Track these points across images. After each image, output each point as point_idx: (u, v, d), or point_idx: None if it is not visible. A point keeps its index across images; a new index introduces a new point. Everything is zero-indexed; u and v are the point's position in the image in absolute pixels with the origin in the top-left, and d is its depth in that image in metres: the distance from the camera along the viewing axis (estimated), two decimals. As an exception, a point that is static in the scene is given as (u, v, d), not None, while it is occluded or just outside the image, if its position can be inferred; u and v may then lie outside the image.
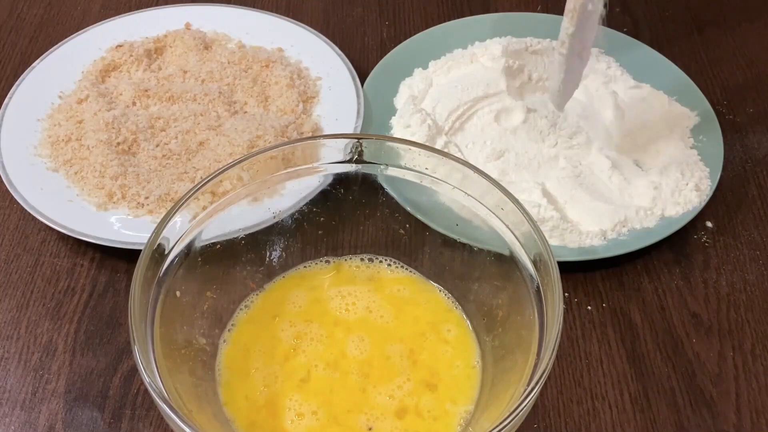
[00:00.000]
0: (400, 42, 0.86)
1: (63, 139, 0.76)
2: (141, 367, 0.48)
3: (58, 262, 0.71)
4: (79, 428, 0.61)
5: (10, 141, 0.75)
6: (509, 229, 0.56)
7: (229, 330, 0.59)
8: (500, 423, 0.46)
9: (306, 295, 0.61)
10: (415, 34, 0.87)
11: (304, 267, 0.63)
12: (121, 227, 0.70)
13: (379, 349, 0.58)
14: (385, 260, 0.64)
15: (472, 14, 0.91)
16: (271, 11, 0.89)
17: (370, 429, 0.54)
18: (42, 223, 0.69)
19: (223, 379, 0.57)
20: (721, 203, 0.75)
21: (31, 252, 0.72)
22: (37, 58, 0.83)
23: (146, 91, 0.80)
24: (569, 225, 0.70)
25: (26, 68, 0.82)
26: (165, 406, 0.47)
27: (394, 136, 0.77)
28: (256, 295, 0.62)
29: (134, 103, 0.79)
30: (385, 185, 0.61)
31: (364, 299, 0.61)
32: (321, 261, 0.63)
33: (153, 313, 0.53)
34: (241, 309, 0.61)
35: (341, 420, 0.55)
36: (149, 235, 0.54)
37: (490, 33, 0.86)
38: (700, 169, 0.74)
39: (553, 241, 0.69)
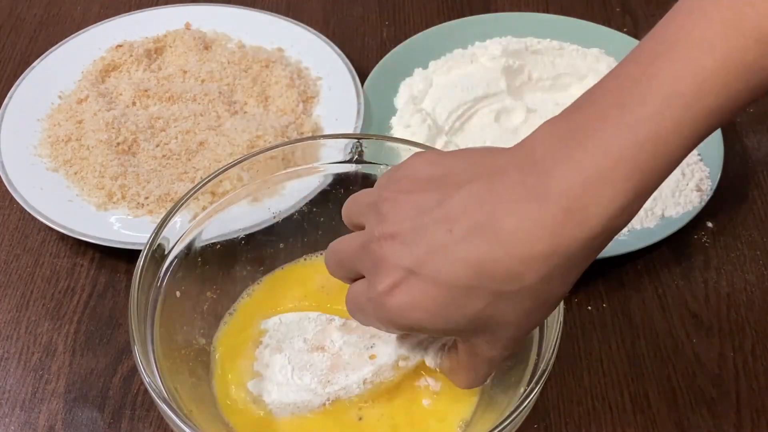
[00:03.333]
0: (400, 42, 0.86)
1: (63, 139, 0.76)
2: (141, 367, 0.48)
3: (58, 262, 0.71)
4: (79, 428, 0.61)
5: (10, 141, 0.75)
6: (509, 229, 0.55)
7: (225, 323, 0.59)
8: (500, 423, 0.46)
9: (303, 287, 0.61)
10: (415, 34, 0.87)
11: (304, 260, 0.63)
12: (121, 227, 0.70)
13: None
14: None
15: (472, 14, 0.91)
16: (271, 11, 0.89)
17: None
18: (42, 223, 0.69)
19: (217, 375, 0.57)
20: (721, 203, 0.75)
21: (31, 252, 0.72)
22: (37, 58, 0.83)
23: (146, 91, 0.80)
24: (569, 225, 0.70)
25: (26, 68, 0.82)
26: (165, 406, 0.47)
27: (394, 136, 0.77)
28: (257, 284, 0.61)
29: (134, 103, 0.79)
30: (385, 185, 0.61)
31: None
32: (321, 255, 0.63)
33: (153, 313, 0.53)
34: (242, 298, 0.60)
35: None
36: (149, 235, 0.54)
37: (490, 33, 0.86)
38: (700, 169, 0.74)
39: (553, 241, 0.69)
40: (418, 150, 0.57)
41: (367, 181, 0.60)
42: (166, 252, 0.55)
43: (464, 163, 0.44)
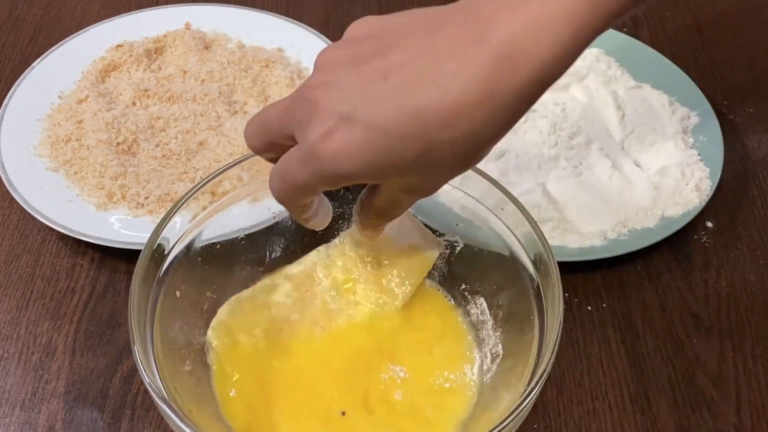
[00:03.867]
0: (400, 42, 0.86)
1: (63, 139, 0.76)
2: (141, 367, 0.48)
3: (58, 262, 0.71)
4: (79, 428, 0.61)
5: (10, 141, 0.75)
6: (509, 229, 0.56)
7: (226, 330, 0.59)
8: (500, 423, 0.46)
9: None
10: (415, 34, 0.87)
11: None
12: (121, 227, 0.70)
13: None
14: (386, 260, 0.63)
15: (472, 14, 0.90)
16: (271, 11, 0.89)
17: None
18: (42, 223, 0.69)
19: (218, 379, 0.57)
20: (721, 203, 0.75)
21: (31, 252, 0.72)
22: (37, 58, 0.83)
23: (146, 91, 0.80)
24: (569, 225, 0.70)
25: (26, 68, 0.82)
26: (165, 406, 0.47)
27: (394, 136, 0.76)
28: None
29: (134, 103, 0.79)
30: (385, 185, 0.61)
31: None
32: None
33: (153, 313, 0.53)
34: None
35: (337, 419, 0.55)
36: (149, 235, 0.54)
37: (490, 33, 0.86)
38: (700, 169, 0.74)
39: (553, 241, 0.69)
40: None
41: (367, 181, 0.60)
42: (166, 252, 0.55)
43: (405, 19, 0.44)
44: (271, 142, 0.47)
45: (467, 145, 0.42)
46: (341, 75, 0.42)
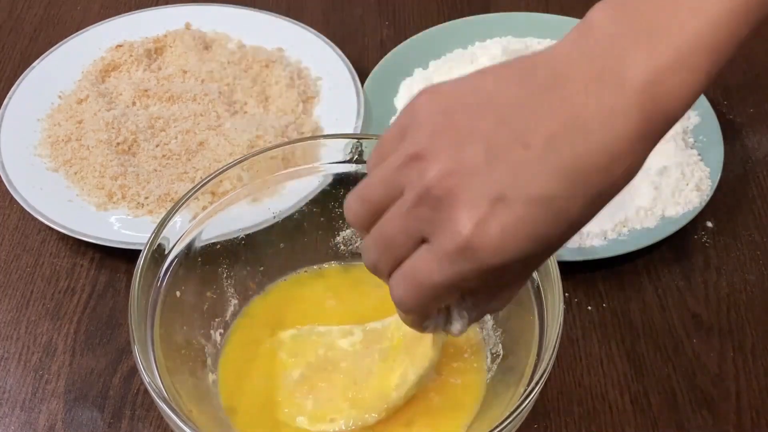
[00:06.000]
0: (400, 42, 0.86)
1: (63, 139, 0.76)
2: (141, 367, 0.48)
3: (58, 262, 0.71)
4: (79, 428, 0.61)
5: (10, 141, 0.75)
6: (509, 229, 0.55)
7: (230, 330, 0.59)
8: (500, 423, 0.46)
9: (308, 300, 0.61)
10: (415, 34, 0.87)
11: (305, 271, 0.63)
12: (121, 227, 0.70)
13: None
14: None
15: (472, 14, 0.91)
16: (271, 11, 0.89)
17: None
18: (42, 223, 0.69)
19: (222, 380, 0.57)
20: (721, 203, 0.75)
21: (31, 252, 0.72)
22: (37, 58, 0.83)
23: (146, 91, 0.80)
24: (569, 225, 0.70)
25: (26, 68, 0.82)
26: (165, 406, 0.47)
27: (394, 136, 0.77)
28: (259, 296, 0.61)
29: (134, 103, 0.79)
30: (385, 185, 0.61)
31: (365, 300, 0.60)
32: (325, 265, 0.63)
33: (153, 313, 0.53)
34: (242, 310, 0.60)
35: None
36: (149, 235, 0.54)
37: (490, 33, 0.86)
38: (700, 169, 0.74)
39: (553, 241, 0.69)
40: None
41: (367, 181, 0.60)
42: (166, 252, 0.55)
43: (492, 82, 0.39)
44: (400, 258, 0.41)
45: (624, 180, 0.39)
46: (467, 156, 0.37)
